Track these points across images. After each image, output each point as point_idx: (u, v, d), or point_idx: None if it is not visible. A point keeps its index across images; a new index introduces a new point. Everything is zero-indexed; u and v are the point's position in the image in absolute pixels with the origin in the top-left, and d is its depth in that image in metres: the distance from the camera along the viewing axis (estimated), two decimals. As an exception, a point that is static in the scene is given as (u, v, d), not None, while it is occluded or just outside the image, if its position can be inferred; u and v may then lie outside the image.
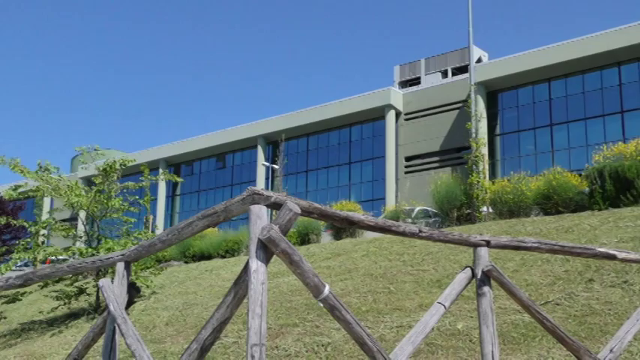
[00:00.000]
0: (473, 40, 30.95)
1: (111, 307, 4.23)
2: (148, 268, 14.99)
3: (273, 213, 3.57)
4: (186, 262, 24.06)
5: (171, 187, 55.36)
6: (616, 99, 35.20)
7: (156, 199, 51.86)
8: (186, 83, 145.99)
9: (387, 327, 8.91)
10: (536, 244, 4.80)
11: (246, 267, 3.38)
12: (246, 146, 50.58)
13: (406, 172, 41.82)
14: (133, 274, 13.20)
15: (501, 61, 38.43)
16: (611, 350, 5.05)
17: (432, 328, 4.56)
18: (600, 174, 19.17)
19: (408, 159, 42.21)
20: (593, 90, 35.98)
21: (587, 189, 19.60)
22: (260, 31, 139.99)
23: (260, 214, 3.39)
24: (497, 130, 39.25)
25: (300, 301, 10.96)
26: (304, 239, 23.30)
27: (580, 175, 20.51)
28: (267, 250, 3.33)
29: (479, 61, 41.25)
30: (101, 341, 4.61)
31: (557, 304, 9.16)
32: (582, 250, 5.17)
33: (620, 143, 22.73)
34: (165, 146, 55.08)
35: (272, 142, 47.59)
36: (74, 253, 13.47)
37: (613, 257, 5.21)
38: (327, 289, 3.36)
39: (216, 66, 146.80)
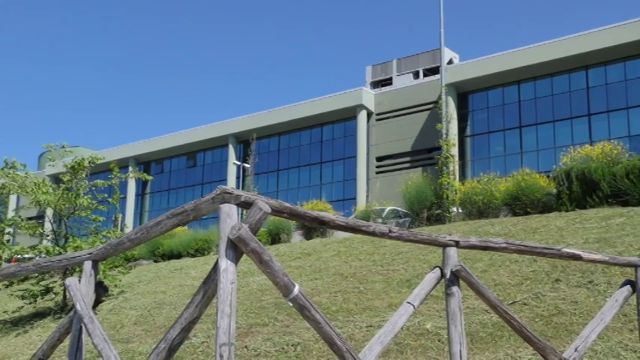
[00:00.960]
0: (444, 42, 31.21)
1: (78, 307, 4.17)
2: (116, 267, 14.83)
3: (244, 212, 3.56)
4: (155, 261, 23.86)
5: (141, 185, 54.83)
6: (583, 102, 35.74)
7: (125, 197, 51.30)
8: (156, 81, 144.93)
9: (356, 327, 8.94)
10: (504, 245, 4.85)
11: (216, 266, 3.36)
12: (217, 145, 50.29)
13: (377, 173, 41.96)
14: (100, 273, 13.05)
15: (472, 63, 38.77)
16: (575, 349, 5.13)
17: (401, 328, 4.59)
18: (567, 176, 19.46)
19: (379, 159, 42.36)
20: (562, 93, 36.49)
21: (554, 190, 19.88)
22: (232, 30, 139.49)
23: (230, 213, 3.38)
24: (468, 132, 39.59)
25: (270, 301, 10.94)
26: (275, 239, 23.26)
27: (548, 176, 20.79)
28: (236, 249, 3.31)
29: (450, 62, 41.55)
30: (67, 341, 4.55)
31: (525, 304, 9.27)
32: (549, 250, 5.23)
33: (586, 146, 23.10)
34: (135, 144, 54.53)
35: (243, 141, 47.38)
36: (40, 252, 13.28)
37: (579, 258, 5.29)
38: (296, 289, 3.36)
39: (187, 64, 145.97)
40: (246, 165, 39.58)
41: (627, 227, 13.16)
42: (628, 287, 5.66)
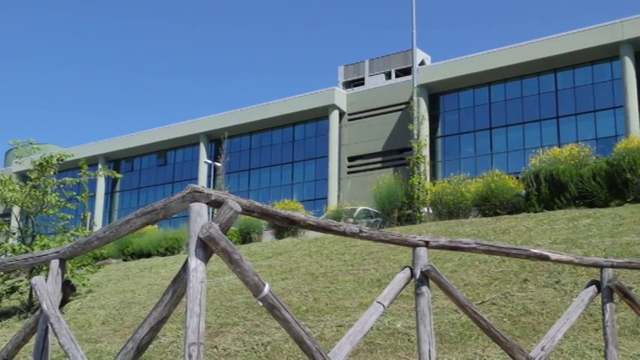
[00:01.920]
0: (416, 43, 31.39)
1: (44, 306, 4.11)
2: (84, 265, 14.65)
3: (215, 211, 3.54)
4: (124, 260, 23.64)
5: (111, 183, 54.21)
6: (552, 104, 36.22)
7: (94, 195, 50.65)
8: (127, 78, 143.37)
9: (327, 326, 8.95)
10: (473, 245, 4.89)
11: (185, 265, 3.34)
12: (189, 143, 49.95)
13: (349, 172, 42.04)
14: (68, 272, 12.88)
15: (443, 65, 39.06)
16: (542, 348, 5.19)
17: (371, 328, 4.60)
18: (536, 177, 19.72)
19: (350, 159, 42.45)
20: (531, 95, 36.94)
21: (523, 191, 20.14)
22: (205, 28, 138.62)
23: (200, 212, 3.36)
24: (439, 132, 39.86)
25: (240, 300, 10.90)
26: (246, 238, 23.20)
27: (517, 177, 21.03)
28: (206, 248, 3.30)
29: (422, 63, 41.77)
30: (33, 341, 4.48)
31: (494, 304, 9.37)
32: (517, 251, 5.29)
33: (555, 148, 23.42)
34: (105, 142, 53.92)
35: (215, 140, 47.12)
36: (6, 251, 13.07)
37: (546, 258, 5.36)
38: (266, 288, 3.35)
39: (159, 62, 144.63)
40: (218, 164, 39.35)
41: (593, 228, 13.37)
42: (593, 287, 5.74)
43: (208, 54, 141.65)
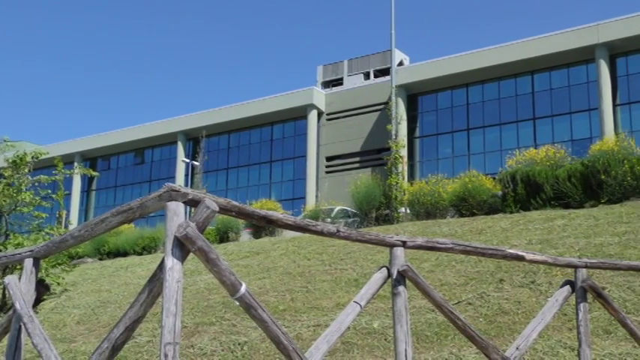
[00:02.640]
0: (395, 44, 31.49)
1: (17, 305, 4.06)
2: (59, 264, 14.49)
3: (192, 210, 3.52)
4: (100, 259, 23.46)
5: (87, 181, 53.69)
6: (529, 106, 36.58)
7: (70, 193, 50.16)
8: (104, 75, 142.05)
9: (304, 326, 8.95)
10: (450, 245, 4.92)
11: (162, 264, 3.32)
12: (166, 142, 49.67)
13: (327, 172, 42.08)
14: (42, 271, 12.74)
15: (422, 65, 39.25)
16: (517, 348, 5.23)
17: (348, 327, 4.61)
18: (513, 178, 19.90)
19: (328, 159, 42.49)
20: (508, 97, 37.27)
21: (500, 192, 20.31)
22: (182, 26, 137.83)
23: (177, 211, 3.34)
24: (417, 133, 40.05)
25: (217, 300, 10.87)
26: (223, 237, 23.14)
27: (494, 178, 21.20)
28: (183, 247, 3.28)
29: (400, 64, 41.92)
30: (5, 341, 4.42)
31: (470, 304, 9.44)
32: (493, 251, 5.33)
33: (531, 149, 23.64)
34: (81, 139, 53.41)
35: (192, 139, 46.88)
36: (-21, 249, 12.88)
37: (522, 258, 5.40)
38: (243, 288, 3.34)
39: (137, 60, 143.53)
40: (195, 163, 39.15)
41: (568, 229, 13.53)
42: (568, 287, 5.80)
43: (187, 52, 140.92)
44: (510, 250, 5.34)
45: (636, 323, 7.06)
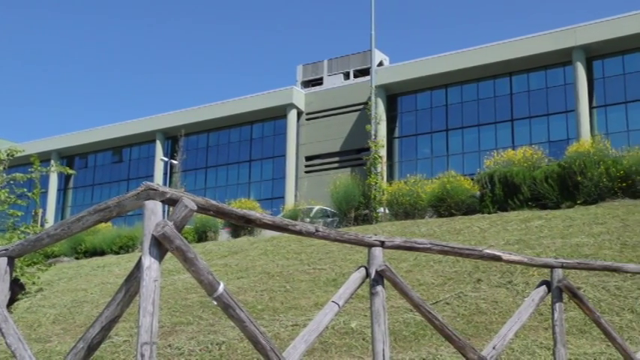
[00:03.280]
0: (375, 44, 31.57)
1: (-9, 305, 4.00)
2: (35, 263, 14.30)
3: (170, 209, 3.50)
4: (77, 258, 23.24)
5: (64, 180, 53.17)
6: (507, 107, 36.87)
7: (46, 192, 49.62)
8: (82, 73, 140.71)
9: (282, 325, 8.94)
10: (428, 245, 4.93)
11: (139, 263, 3.30)
12: (144, 140, 49.34)
13: (306, 172, 42.07)
14: (17, 270, 12.57)
15: (402, 66, 39.39)
16: (494, 347, 5.27)
17: (326, 327, 4.61)
18: (491, 179, 20.06)
19: (308, 158, 42.48)
20: (487, 98, 37.54)
21: (478, 193, 20.45)
22: (162, 25, 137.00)
23: (155, 210, 3.31)
24: (396, 133, 40.17)
25: (195, 299, 10.82)
26: (202, 236, 23.04)
27: (472, 179, 21.34)
28: (161, 246, 3.26)
29: (380, 64, 42.01)
30: (-20, 341, 4.36)
31: (448, 304, 9.50)
32: (470, 251, 5.36)
33: (509, 150, 23.83)
34: (58, 137, 52.86)
35: (171, 137, 46.60)
36: (-47, 248, 12.67)
37: (499, 258, 5.43)
38: (221, 287, 3.33)
39: (115, 58, 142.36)
40: (174, 161, 38.94)
41: (545, 230, 13.66)
42: (544, 287, 5.85)
43: (166, 51, 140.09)
44: (487, 251, 5.37)
45: (610, 323, 7.15)
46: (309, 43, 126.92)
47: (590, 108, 33.91)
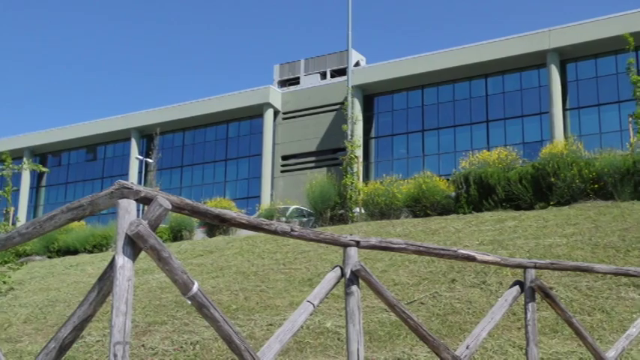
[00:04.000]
0: (352, 44, 31.61)
1: (-39, 304, 3.94)
2: (6, 262, 14.16)
3: (145, 208, 3.48)
4: (49, 257, 22.97)
5: (37, 177, 52.56)
6: (482, 109, 37.21)
7: (18, 190, 48.98)
8: (56, 70, 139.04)
9: (257, 325, 8.92)
10: (403, 245, 4.95)
11: (112, 262, 3.27)
12: (119, 138, 48.95)
13: (282, 171, 42.06)
14: (-11, 268, 12.43)
15: (378, 66, 39.55)
16: (467, 347, 5.30)
17: (301, 327, 4.61)
18: (466, 179, 20.19)
19: (284, 158, 42.47)
20: (462, 99, 37.85)
21: (453, 193, 20.57)
22: (139, 24, 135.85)
23: (129, 208, 3.29)
24: (372, 133, 40.32)
25: (169, 299, 10.75)
26: (177, 236, 22.91)
27: (448, 179, 21.46)
28: (135, 245, 3.23)
29: (357, 64, 42.13)
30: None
31: (422, 304, 9.55)
32: (445, 251, 5.39)
33: (484, 151, 24.03)
34: (31, 135, 52.22)
35: (146, 136, 46.29)
36: None
37: (473, 259, 5.47)
38: (195, 287, 3.31)
39: (91, 55, 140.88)
40: (149, 160, 38.67)
41: (519, 230, 13.79)
42: (517, 287, 5.91)
43: (142, 49, 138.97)
44: (462, 251, 5.40)
45: (582, 322, 7.25)
46: (286, 43, 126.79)
47: (564, 110, 34.37)
